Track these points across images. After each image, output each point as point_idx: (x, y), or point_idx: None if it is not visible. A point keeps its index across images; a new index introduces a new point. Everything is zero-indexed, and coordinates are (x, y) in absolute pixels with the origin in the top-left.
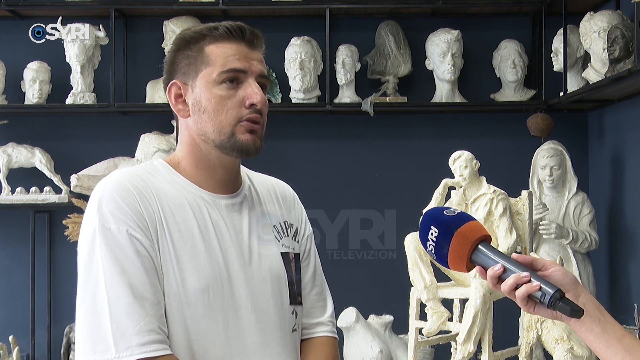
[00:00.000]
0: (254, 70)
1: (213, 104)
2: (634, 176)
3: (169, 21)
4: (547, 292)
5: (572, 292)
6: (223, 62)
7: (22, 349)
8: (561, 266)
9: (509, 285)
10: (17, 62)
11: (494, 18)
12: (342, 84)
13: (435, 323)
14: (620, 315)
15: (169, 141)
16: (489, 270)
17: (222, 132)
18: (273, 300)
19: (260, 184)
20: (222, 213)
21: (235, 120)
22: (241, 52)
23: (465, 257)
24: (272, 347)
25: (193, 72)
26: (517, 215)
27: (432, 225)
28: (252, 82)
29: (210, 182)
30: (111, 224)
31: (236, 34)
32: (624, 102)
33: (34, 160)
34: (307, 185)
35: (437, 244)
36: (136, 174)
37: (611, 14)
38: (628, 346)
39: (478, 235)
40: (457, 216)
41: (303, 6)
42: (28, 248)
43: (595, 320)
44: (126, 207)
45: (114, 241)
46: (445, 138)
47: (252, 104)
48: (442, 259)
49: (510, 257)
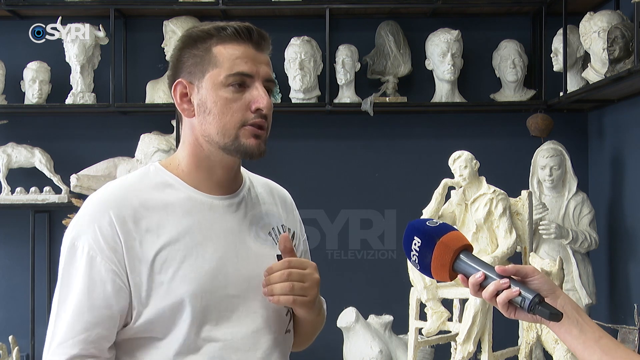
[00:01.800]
0: (261, 74)
1: (219, 106)
2: (633, 176)
3: (169, 21)
4: (527, 297)
5: (550, 296)
6: (230, 65)
7: (22, 349)
8: (541, 272)
9: (490, 292)
10: (17, 62)
11: (493, 18)
12: (342, 84)
13: (435, 323)
14: (619, 315)
15: (168, 141)
16: (470, 277)
17: (227, 134)
18: (267, 302)
19: (261, 186)
20: (219, 214)
21: (240, 124)
22: (249, 54)
23: (447, 266)
24: (264, 348)
25: (199, 72)
26: (517, 215)
27: (415, 235)
28: (258, 86)
29: (209, 183)
30: (79, 241)
31: (244, 36)
32: (623, 102)
33: (33, 160)
34: (307, 185)
35: (420, 253)
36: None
37: (611, 14)
38: (605, 347)
39: (460, 244)
40: (439, 227)
41: (303, 6)
42: (28, 248)
43: (574, 322)
44: (98, 231)
45: (74, 257)
46: (445, 138)
47: (258, 108)
48: (425, 269)
49: (491, 265)
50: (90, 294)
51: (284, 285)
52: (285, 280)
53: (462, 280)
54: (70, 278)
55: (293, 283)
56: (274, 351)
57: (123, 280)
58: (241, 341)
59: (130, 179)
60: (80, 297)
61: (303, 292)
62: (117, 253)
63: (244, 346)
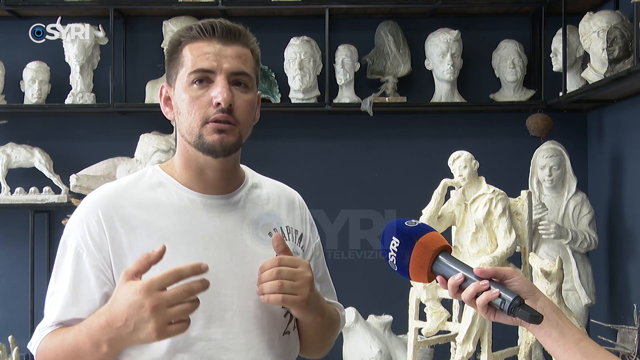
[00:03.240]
0: (225, 68)
1: (185, 105)
2: (633, 176)
3: (168, 21)
4: (507, 299)
5: (530, 297)
6: (193, 63)
7: (22, 349)
8: (521, 274)
9: (469, 294)
10: (17, 62)
11: (493, 18)
12: (342, 84)
13: (434, 323)
14: (619, 315)
15: (168, 141)
16: (450, 279)
17: (192, 133)
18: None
19: (269, 187)
20: (213, 213)
21: (202, 122)
22: (212, 50)
23: (426, 267)
24: (257, 349)
25: (174, 73)
26: (517, 216)
27: (393, 235)
28: (220, 81)
29: (201, 183)
30: (69, 238)
31: (208, 32)
32: (623, 102)
33: (33, 160)
34: (306, 185)
35: (398, 254)
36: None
37: (610, 14)
38: (585, 349)
39: (438, 245)
40: (418, 227)
41: (302, 6)
42: (27, 248)
43: (554, 324)
44: (86, 228)
45: (64, 253)
46: (445, 138)
47: (218, 102)
48: (403, 270)
49: (469, 266)
50: (75, 289)
51: (273, 284)
52: (275, 279)
53: (441, 282)
54: (59, 273)
55: (282, 281)
56: (269, 353)
57: (108, 276)
58: (232, 341)
59: (126, 180)
60: (67, 292)
61: (293, 290)
62: (102, 250)
63: (235, 346)
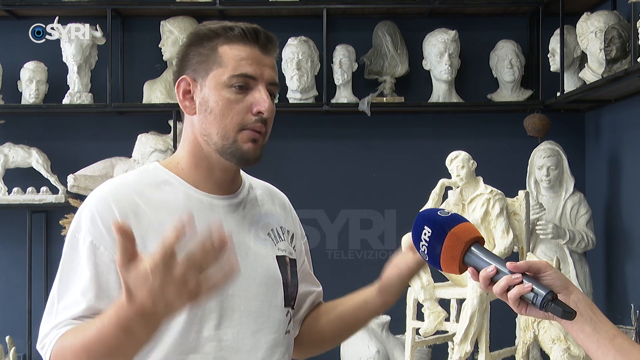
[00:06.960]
0: (265, 77)
1: (220, 106)
2: (630, 176)
3: (166, 21)
4: (539, 294)
5: (563, 292)
6: (235, 66)
7: (19, 349)
8: (554, 268)
9: (501, 287)
10: (14, 62)
11: (491, 18)
12: (339, 84)
13: (432, 323)
14: (616, 316)
15: (165, 141)
16: (482, 271)
17: (226, 136)
18: (267, 302)
19: (260, 189)
20: (219, 214)
21: (239, 127)
22: (254, 56)
23: (458, 258)
24: (265, 348)
25: (204, 70)
26: (514, 216)
27: (425, 225)
28: (261, 89)
29: (208, 182)
30: (80, 233)
31: (251, 37)
32: (620, 102)
33: (30, 161)
34: (306, 186)
35: (430, 244)
36: (125, 185)
37: (608, 14)
38: (619, 346)
39: (471, 236)
40: (451, 217)
41: (300, 6)
42: (25, 248)
43: (587, 319)
44: (99, 221)
45: (76, 249)
46: (443, 138)
47: (259, 111)
48: (434, 260)
49: (502, 259)
50: (98, 282)
51: None
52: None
53: (472, 274)
54: (73, 269)
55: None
56: (275, 351)
57: None
58: (242, 341)
59: (129, 176)
60: (88, 285)
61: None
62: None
63: (244, 347)
